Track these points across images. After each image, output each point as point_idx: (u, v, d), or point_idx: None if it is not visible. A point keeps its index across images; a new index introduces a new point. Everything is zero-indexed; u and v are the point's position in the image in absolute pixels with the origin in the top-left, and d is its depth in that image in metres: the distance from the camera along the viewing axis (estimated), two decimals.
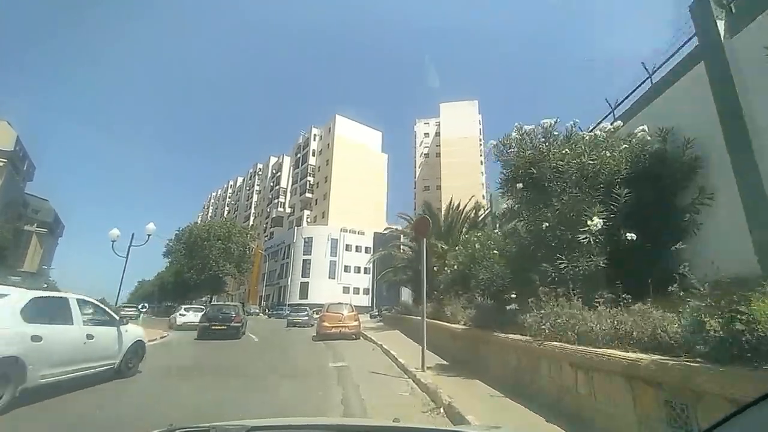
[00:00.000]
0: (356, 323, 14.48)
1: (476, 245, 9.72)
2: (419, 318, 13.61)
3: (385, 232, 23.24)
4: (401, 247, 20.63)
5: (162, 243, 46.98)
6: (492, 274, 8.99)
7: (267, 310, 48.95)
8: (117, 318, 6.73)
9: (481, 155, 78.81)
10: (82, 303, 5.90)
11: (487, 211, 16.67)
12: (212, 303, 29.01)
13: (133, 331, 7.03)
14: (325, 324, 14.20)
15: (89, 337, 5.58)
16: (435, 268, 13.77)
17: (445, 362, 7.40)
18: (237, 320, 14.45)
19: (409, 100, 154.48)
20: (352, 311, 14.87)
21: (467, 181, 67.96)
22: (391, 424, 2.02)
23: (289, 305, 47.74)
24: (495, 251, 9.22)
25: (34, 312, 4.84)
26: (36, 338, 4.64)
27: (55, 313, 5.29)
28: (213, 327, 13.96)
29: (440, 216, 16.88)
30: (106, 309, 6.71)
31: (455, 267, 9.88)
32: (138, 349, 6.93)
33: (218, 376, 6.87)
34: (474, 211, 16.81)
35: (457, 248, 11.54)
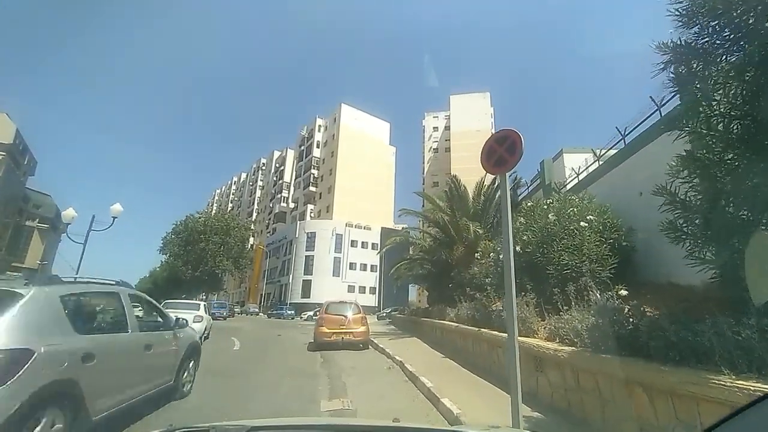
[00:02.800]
0: (364, 328, 11.15)
1: (549, 216, 6.36)
2: (446, 323, 10.25)
3: (399, 215, 19.82)
4: (410, 234, 17.18)
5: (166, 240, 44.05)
6: (582, 258, 5.63)
7: (270, 310, 45.85)
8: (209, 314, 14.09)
9: None
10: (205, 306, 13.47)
11: (531, 186, 13.21)
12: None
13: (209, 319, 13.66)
14: (324, 329, 10.89)
15: (209, 321, 13.20)
16: (477, 255, 10.43)
17: (533, 412, 4.00)
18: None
19: (416, 97, 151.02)
20: (359, 312, 11.53)
21: (479, 175, 64.53)
22: (391, 424, 1.91)
23: (290, 304, 44.65)
24: (583, 223, 5.86)
25: (206, 310, 12.84)
26: (204, 319, 11.76)
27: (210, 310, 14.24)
28: None
29: (469, 194, 13.48)
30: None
31: (518, 249, 6.50)
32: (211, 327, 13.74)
33: None
34: (513, 188, 13.36)
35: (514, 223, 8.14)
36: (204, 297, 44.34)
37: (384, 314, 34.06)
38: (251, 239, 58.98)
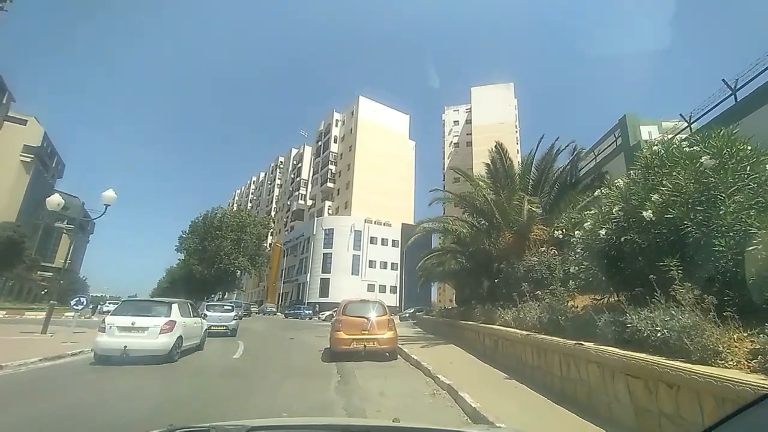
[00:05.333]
0: (391, 333, 8.90)
1: (702, 160, 3.94)
2: (503, 329, 6.77)
3: (429, 203, 17.34)
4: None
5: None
6: None
7: (287, 310, 44.33)
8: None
9: (517, 143, 71.55)
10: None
11: (601, 154, 10.58)
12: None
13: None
14: (341, 335, 8.70)
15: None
16: (540, 238, 8.06)
17: None
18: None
19: (434, 94, 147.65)
20: (384, 313, 9.28)
21: None
22: (391, 424, 1.88)
23: (308, 304, 43.02)
24: None
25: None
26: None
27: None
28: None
29: (515, 169, 10.99)
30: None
31: (646, 215, 4.05)
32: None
33: None
34: (571, 161, 10.81)
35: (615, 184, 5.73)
36: (221, 296, 43.28)
37: (407, 315, 31.74)
38: (269, 237, 57.82)
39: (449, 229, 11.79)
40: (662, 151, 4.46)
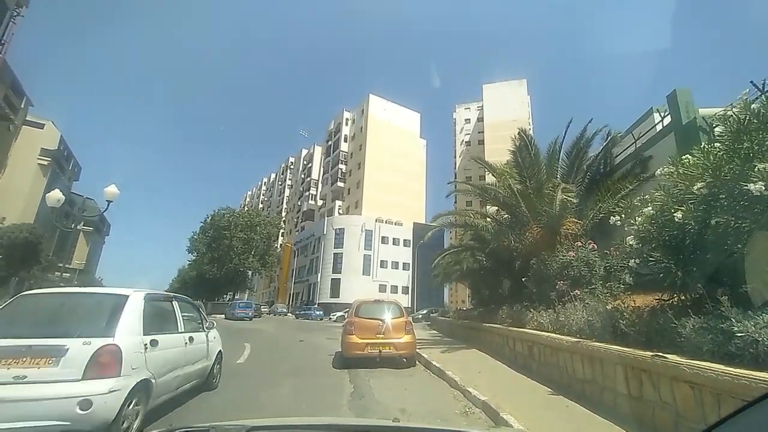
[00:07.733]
0: (409, 338, 8.02)
1: None
2: (539, 334, 5.57)
3: (447, 195, 16.39)
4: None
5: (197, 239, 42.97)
6: None
7: (298, 310, 43.83)
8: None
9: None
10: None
11: (643, 137, 9.52)
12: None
13: None
14: (354, 339, 7.88)
15: None
16: (572, 232, 7.14)
17: None
18: None
19: (444, 93, 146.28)
20: (401, 315, 8.43)
21: None
22: (391, 424, 1.87)
23: (319, 304, 42.43)
24: None
25: None
26: None
27: None
28: None
29: (541, 157, 9.96)
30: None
31: (755, 191, 3.10)
32: None
33: None
34: (605, 147, 9.77)
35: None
36: (232, 296, 43.04)
37: (420, 316, 30.81)
38: (280, 238, 57.53)
39: (469, 223, 10.84)
40: (763, 111, 3.50)
